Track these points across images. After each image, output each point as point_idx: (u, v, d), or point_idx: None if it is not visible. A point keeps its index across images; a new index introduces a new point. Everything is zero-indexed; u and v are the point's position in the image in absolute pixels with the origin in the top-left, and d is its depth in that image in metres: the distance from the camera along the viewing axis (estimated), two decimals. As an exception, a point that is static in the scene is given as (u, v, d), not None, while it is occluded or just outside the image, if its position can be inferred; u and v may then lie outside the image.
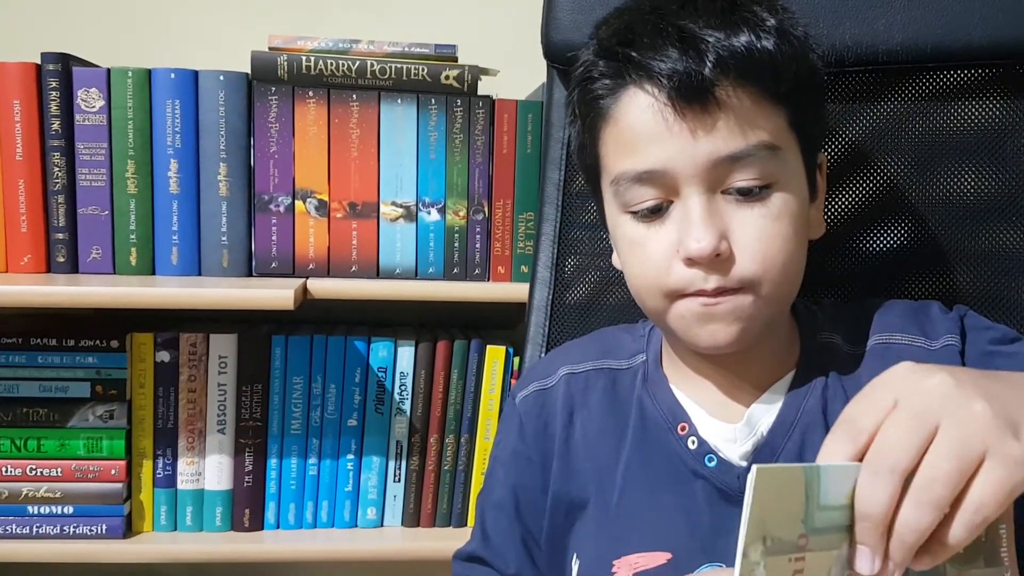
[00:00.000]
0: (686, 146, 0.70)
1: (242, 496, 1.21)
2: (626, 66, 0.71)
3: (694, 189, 0.71)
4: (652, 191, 0.72)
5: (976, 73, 0.92)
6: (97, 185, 1.16)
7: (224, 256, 1.18)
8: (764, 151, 0.71)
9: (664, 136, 0.70)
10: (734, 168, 0.70)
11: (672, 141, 0.70)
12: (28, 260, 1.16)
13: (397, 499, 1.25)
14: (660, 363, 0.83)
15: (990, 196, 0.92)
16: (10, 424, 1.16)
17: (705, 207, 0.71)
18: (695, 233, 0.70)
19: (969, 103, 0.92)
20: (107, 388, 1.17)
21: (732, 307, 0.72)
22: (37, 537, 1.16)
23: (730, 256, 0.71)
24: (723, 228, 0.71)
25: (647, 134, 0.71)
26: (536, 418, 0.84)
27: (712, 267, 0.71)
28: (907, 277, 0.93)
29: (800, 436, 0.76)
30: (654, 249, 0.73)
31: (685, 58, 0.69)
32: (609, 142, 0.75)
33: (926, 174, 0.92)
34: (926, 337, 0.78)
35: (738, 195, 0.71)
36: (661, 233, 0.73)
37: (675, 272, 0.72)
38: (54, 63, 1.14)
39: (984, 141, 0.92)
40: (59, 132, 1.14)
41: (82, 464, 1.16)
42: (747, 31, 0.71)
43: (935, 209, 0.92)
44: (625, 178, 0.73)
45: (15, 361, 1.16)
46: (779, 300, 0.75)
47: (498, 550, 0.85)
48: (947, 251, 0.93)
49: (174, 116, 1.15)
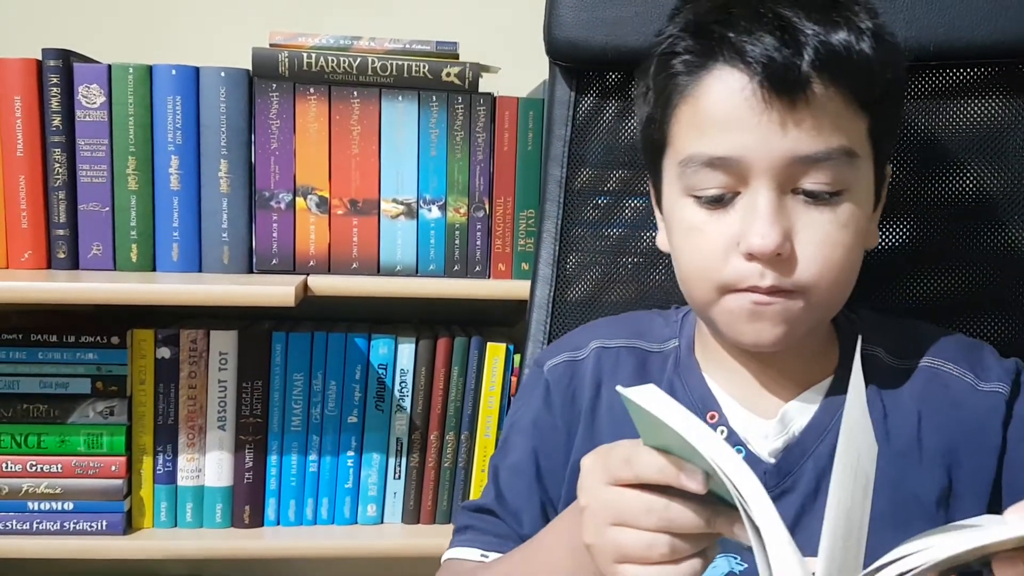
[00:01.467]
0: (767, 138, 0.68)
1: (242, 492, 1.21)
2: (720, 45, 0.69)
3: (765, 183, 0.69)
4: (721, 178, 0.70)
5: (978, 72, 0.92)
6: (98, 181, 1.16)
7: (225, 253, 1.18)
8: (842, 156, 0.69)
9: (746, 123, 0.68)
10: (809, 169, 0.69)
11: (753, 130, 0.68)
12: (29, 256, 1.16)
13: (397, 496, 1.25)
14: (693, 350, 0.82)
15: (991, 195, 0.92)
16: (10, 420, 1.16)
17: (774, 203, 0.69)
18: (760, 229, 0.68)
19: (971, 102, 0.92)
20: (107, 384, 1.17)
21: (782, 309, 0.71)
22: (37, 533, 1.16)
23: (791, 257, 0.70)
24: (788, 228, 0.69)
25: (729, 118, 0.69)
26: (565, 388, 0.83)
27: (771, 265, 0.69)
28: (907, 275, 0.93)
29: (833, 440, 0.74)
30: (713, 238, 0.71)
31: (783, 47, 0.67)
32: (683, 120, 0.73)
33: (927, 172, 0.92)
34: (975, 376, 0.77)
35: (807, 197, 0.70)
36: (723, 223, 0.71)
37: (731, 265, 0.71)
38: (55, 59, 1.13)
39: (985, 139, 0.92)
40: (60, 128, 1.14)
41: (82, 460, 1.16)
42: (846, 30, 0.69)
43: (936, 208, 0.93)
44: (696, 161, 0.71)
45: (15, 357, 1.16)
46: (828, 307, 0.74)
47: (511, 509, 0.83)
48: (948, 250, 0.93)
49: (175, 112, 1.15)
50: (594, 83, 0.98)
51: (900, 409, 0.77)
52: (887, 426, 0.76)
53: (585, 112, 0.99)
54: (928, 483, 0.75)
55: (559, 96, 0.99)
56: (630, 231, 0.98)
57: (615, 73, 0.98)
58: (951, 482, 0.75)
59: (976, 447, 0.75)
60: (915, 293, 0.93)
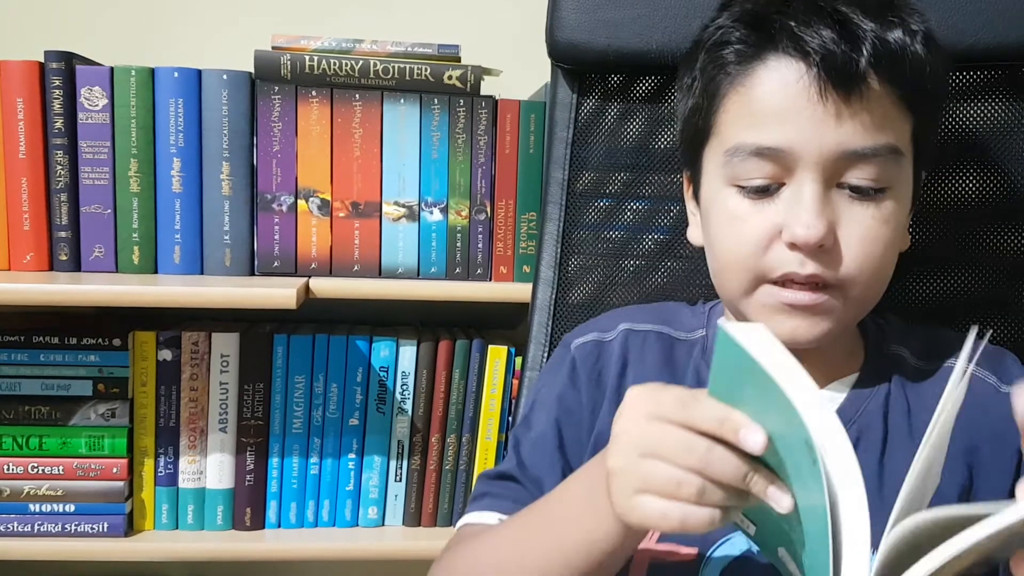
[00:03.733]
0: (819, 130, 0.69)
1: (243, 495, 1.21)
2: (779, 34, 0.70)
3: (811, 175, 0.70)
4: (768, 168, 0.71)
5: (980, 75, 0.92)
6: (100, 184, 1.16)
7: (226, 255, 1.18)
8: (889, 154, 0.70)
9: (799, 113, 0.69)
10: (856, 164, 0.70)
11: (806, 122, 0.69)
12: (31, 258, 1.16)
13: (398, 499, 1.25)
14: None
15: (994, 197, 0.92)
16: (12, 422, 1.16)
17: (820, 195, 0.70)
18: (806, 219, 0.69)
19: (973, 105, 0.92)
20: (109, 386, 1.17)
21: (821, 302, 0.71)
22: (38, 535, 1.16)
23: (833, 251, 0.70)
24: (832, 221, 0.70)
25: (782, 108, 0.70)
26: (591, 366, 0.83)
27: (812, 256, 0.70)
28: (910, 278, 0.93)
29: (856, 434, 0.75)
30: (755, 227, 0.72)
31: (841, 41, 0.68)
32: (732, 110, 0.73)
33: (930, 175, 0.92)
34: (998, 378, 0.78)
35: (852, 192, 0.70)
36: (766, 212, 0.71)
37: (772, 253, 0.71)
38: (57, 61, 1.13)
39: (989, 142, 0.92)
40: (62, 130, 1.14)
41: (84, 462, 1.16)
42: (901, 30, 0.70)
43: (939, 210, 0.93)
44: (743, 150, 0.71)
45: (17, 359, 1.16)
46: (864, 304, 0.75)
47: (532, 476, 0.81)
48: (951, 252, 0.93)
49: (177, 115, 1.15)
50: (596, 85, 0.99)
51: (924, 407, 0.77)
52: (911, 422, 0.77)
53: (587, 114, 0.99)
54: (949, 479, 0.74)
55: (561, 98, 0.99)
56: (632, 234, 0.98)
57: (617, 75, 0.98)
58: (972, 481, 0.75)
59: (998, 448, 0.75)
60: (920, 295, 0.93)
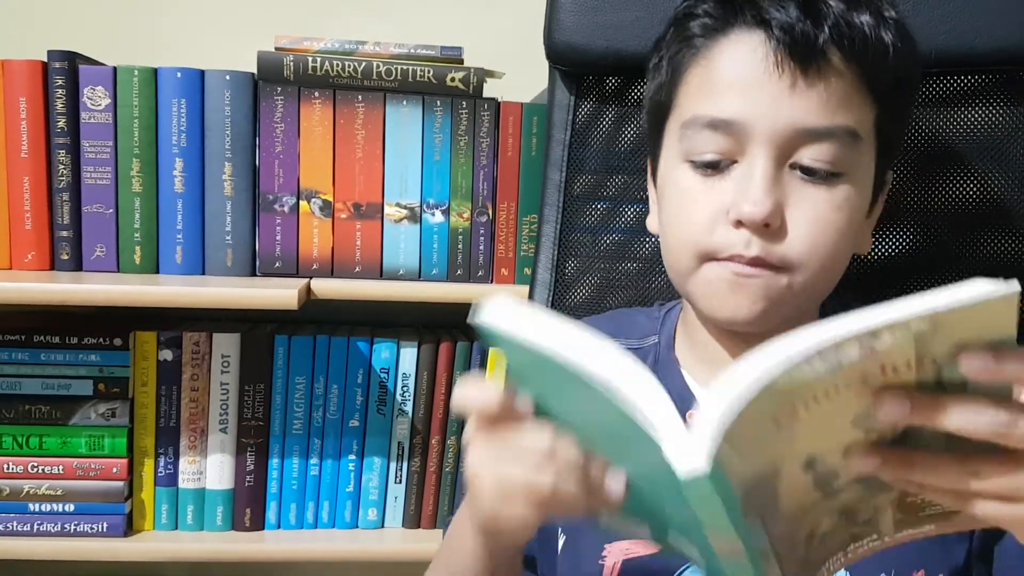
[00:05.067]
0: (773, 103, 0.68)
1: (243, 496, 1.21)
2: (742, 8, 0.70)
3: (763, 151, 0.69)
4: (721, 142, 0.70)
5: (980, 79, 0.92)
6: (102, 183, 1.16)
7: (228, 255, 1.18)
8: (846, 136, 0.69)
9: (755, 86, 0.69)
10: (810, 143, 0.69)
11: (761, 94, 0.69)
12: (32, 257, 1.16)
13: (398, 500, 1.24)
14: (672, 347, 0.82)
15: (994, 202, 0.92)
16: (12, 421, 1.16)
17: (770, 173, 0.69)
18: (753, 195, 0.68)
19: (973, 109, 0.92)
20: (109, 386, 1.17)
21: (764, 284, 0.70)
22: (38, 535, 1.17)
23: (780, 231, 0.69)
24: (781, 201, 0.69)
25: (739, 80, 0.70)
26: None
27: (759, 235, 0.69)
28: (908, 283, 0.93)
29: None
30: (703, 205, 0.71)
31: (805, 17, 0.68)
32: (693, 83, 0.73)
33: (929, 180, 0.92)
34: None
35: (803, 174, 0.69)
36: (715, 191, 0.71)
37: (718, 233, 0.70)
38: (60, 61, 1.14)
39: (987, 147, 0.92)
40: (64, 130, 1.15)
41: (84, 462, 1.17)
42: (868, 13, 0.70)
43: (937, 215, 0.92)
44: (698, 122, 0.71)
45: (18, 358, 1.16)
46: (811, 292, 0.73)
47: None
48: (949, 257, 0.92)
49: (180, 115, 1.15)
50: (594, 88, 0.98)
51: None
52: None
53: (585, 117, 0.98)
54: None
55: (559, 100, 0.99)
56: (629, 236, 0.98)
57: (615, 78, 0.98)
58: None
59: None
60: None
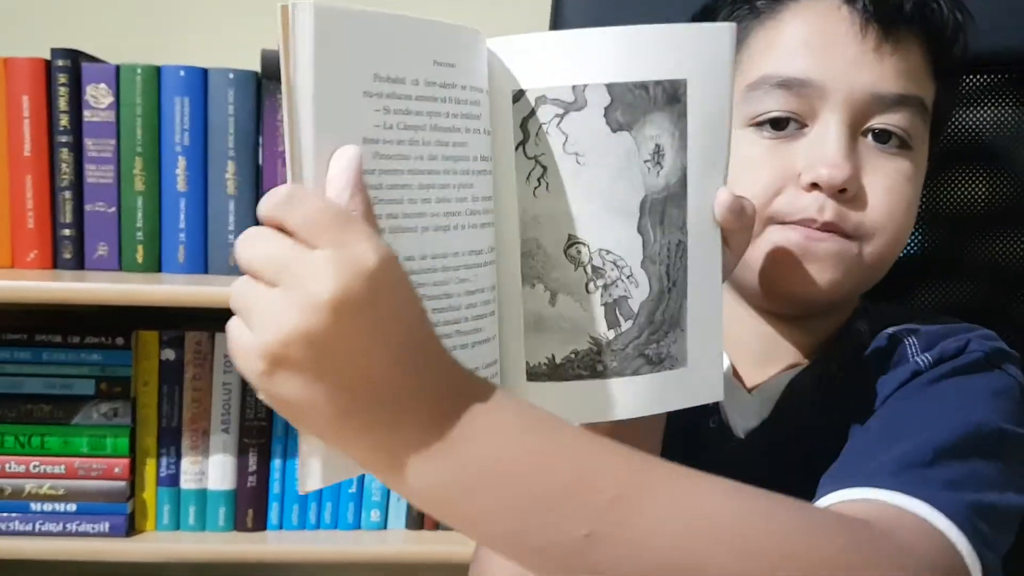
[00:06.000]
0: (853, 65, 0.66)
1: (245, 496, 1.20)
2: None
3: (838, 116, 0.66)
4: (792, 102, 0.67)
5: (988, 79, 0.91)
6: (104, 182, 1.15)
7: (231, 254, 1.17)
8: (917, 107, 0.68)
9: (834, 45, 0.66)
10: (885, 111, 0.66)
11: (841, 55, 0.66)
12: (34, 256, 1.15)
13: (401, 501, 1.24)
14: None
15: (999, 203, 0.91)
16: (14, 420, 1.15)
17: (847, 138, 0.66)
18: (832, 158, 0.65)
19: (978, 110, 0.92)
20: (112, 386, 1.16)
21: (839, 249, 0.66)
22: (39, 534, 1.16)
23: (856, 198, 0.66)
24: (859, 167, 0.66)
25: (816, 40, 0.67)
26: None
27: (834, 199, 0.65)
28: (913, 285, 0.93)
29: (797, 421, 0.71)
30: (768, 170, 0.67)
31: None
32: (758, 45, 0.69)
33: (934, 181, 0.92)
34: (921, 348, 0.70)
35: (876, 141, 0.67)
36: (781, 155, 0.67)
37: (786, 195, 0.67)
38: (63, 59, 1.13)
39: (993, 148, 0.91)
40: (67, 128, 1.14)
41: (85, 462, 1.16)
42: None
43: (943, 216, 0.92)
44: (768, 81, 0.67)
45: (20, 357, 1.15)
46: (877, 267, 0.70)
47: None
48: (954, 259, 0.92)
49: (183, 113, 1.15)
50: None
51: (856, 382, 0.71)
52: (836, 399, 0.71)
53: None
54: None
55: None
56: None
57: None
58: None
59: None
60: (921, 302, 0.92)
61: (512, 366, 0.57)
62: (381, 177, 0.49)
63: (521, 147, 0.55)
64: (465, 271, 0.53)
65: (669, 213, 0.55)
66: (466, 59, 0.54)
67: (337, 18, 0.48)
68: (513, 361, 0.57)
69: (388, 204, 0.49)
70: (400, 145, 0.50)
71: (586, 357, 0.55)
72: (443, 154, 0.52)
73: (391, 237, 0.49)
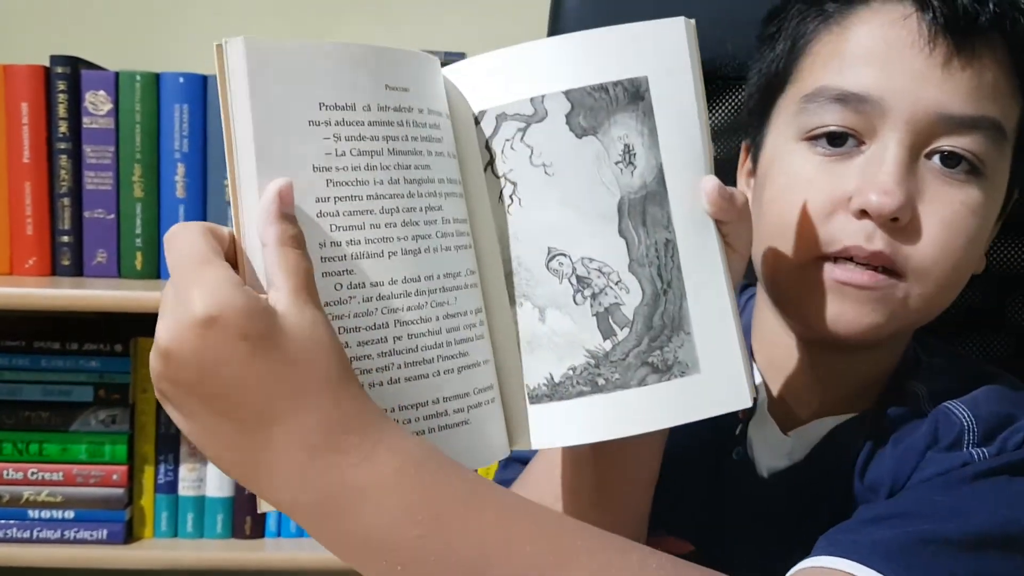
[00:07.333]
0: (918, 81, 0.60)
1: (243, 503, 1.20)
2: None
3: (898, 136, 0.60)
4: (850, 118, 0.61)
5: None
6: (103, 188, 1.15)
7: (230, 261, 1.17)
8: (992, 130, 0.61)
9: (900, 59, 0.60)
10: (952, 134, 0.60)
11: (905, 69, 0.60)
12: (33, 263, 1.15)
13: (399, 508, 1.24)
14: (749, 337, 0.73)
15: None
16: (12, 427, 1.15)
17: (904, 160, 0.60)
18: (883, 183, 0.59)
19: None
20: (110, 392, 1.16)
21: (880, 295, 0.61)
22: (37, 541, 1.16)
23: (908, 228, 0.60)
24: (914, 194, 0.60)
25: (878, 51, 0.61)
26: None
27: (884, 229, 0.60)
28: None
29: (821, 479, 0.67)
30: (820, 189, 0.62)
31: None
32: (822, 53, 0.64)
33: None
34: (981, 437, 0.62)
35: (943, 165, 0.60)
36: (835, 174, 0.62)
37: (835, 222, 0.61)
38: (63, 66, 1.13)
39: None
40: (66, 135, 1.14)
41: (84, 469, 1.16)
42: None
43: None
44: (826, 94, 0.62)
45: (18, 364, 1.15)
46: (927, 310, 0.64)
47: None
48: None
49: (182, 120, 1.15)
50: (601, 95, 0.98)
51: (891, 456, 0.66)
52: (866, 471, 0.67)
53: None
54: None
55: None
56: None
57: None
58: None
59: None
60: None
61: (514, 392, 0.56)
62: (338, 204, 0.49)
63: (489, 167, 0.54)
64: (442, 294, 0.52)
65: (651, 212, 0.53)
66: (421, 83, 0.53)
67: (270, 52, 0.50)
68: (514, 387, 0.55)
69: (348, 231, 0.49)
70: (356, 171, 0.50)
71: (584, 372, 0.53)
72: (405, 177, 0.51)
73: (354, 263, 0.49)
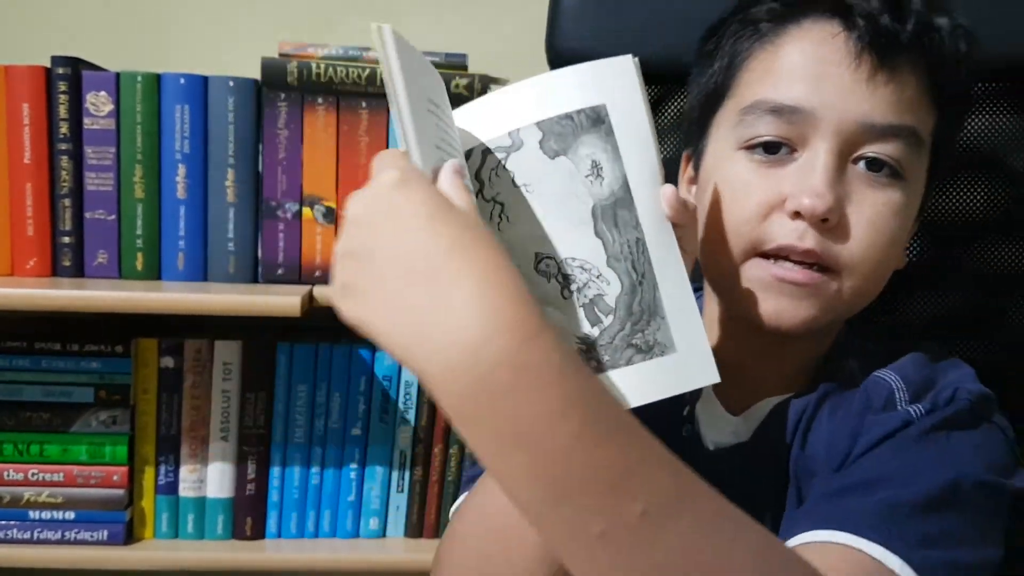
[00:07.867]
0: (845, 94, 0.66)
1: (244, 504, 1.20)
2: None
3: (827, 144, 0.67)
4: (784, 128, 0.68)
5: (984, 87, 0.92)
6: (104, 189, 1.15)
7: (231, 262, 1.18)
8: (911, 137, 0.68)
9: (827, 74, 0.67)
10: (876, 141, 0.67)
11: (833, 83, 0.66)
12: (34, 263, 1.15)
13: (400, 509, 1.24)
14: None
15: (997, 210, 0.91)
16: (13, 428, 1.15)
17: (833, 166, 0.66)
18: (815, 187, 0.65)
19: (978, 118, 0.92)
20: (111, 393, 1.16)
21: (815, 290, 0.67)
22: (38, 542, 1.16)
23: (837, 228, 0.67)
24: (844, 196, 0.67)
25: (809, 67, 0.67)
26: None
27: (816, 229, 0.66)
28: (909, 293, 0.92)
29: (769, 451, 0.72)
30: (757, 194, 0.68)
31: (887, 10, 0.66)
32: (758, 68, 0.71)
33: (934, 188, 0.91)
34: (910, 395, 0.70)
35: (868, 170, 0.67)
36: (771, 180, 0.68)
37: (771, 222, 0.68)
38: (64, 66, 1.13)
39: (992, 156, 0.91)
40: (67, 136, 1.14)
41: (84, 469, 1.16)
42: (947, 19, 0.69)
43: (939, 224, 0.92)
44: (762, 107, 0.68)
45: (19, 365, 1.15)
46: (855, 301, 0.71)
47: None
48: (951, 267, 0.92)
49: (183, 121, 1.15)
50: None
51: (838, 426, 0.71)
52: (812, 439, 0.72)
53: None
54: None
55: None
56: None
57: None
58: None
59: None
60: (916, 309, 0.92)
61: None
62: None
63: (479, 194, 0.63)
64: None
65: (621, 215, 0.61)
66: (445, 104, 0.62)
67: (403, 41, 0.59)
68: None
69: None
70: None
71: (581, 357, 0.59)
72: None
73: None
